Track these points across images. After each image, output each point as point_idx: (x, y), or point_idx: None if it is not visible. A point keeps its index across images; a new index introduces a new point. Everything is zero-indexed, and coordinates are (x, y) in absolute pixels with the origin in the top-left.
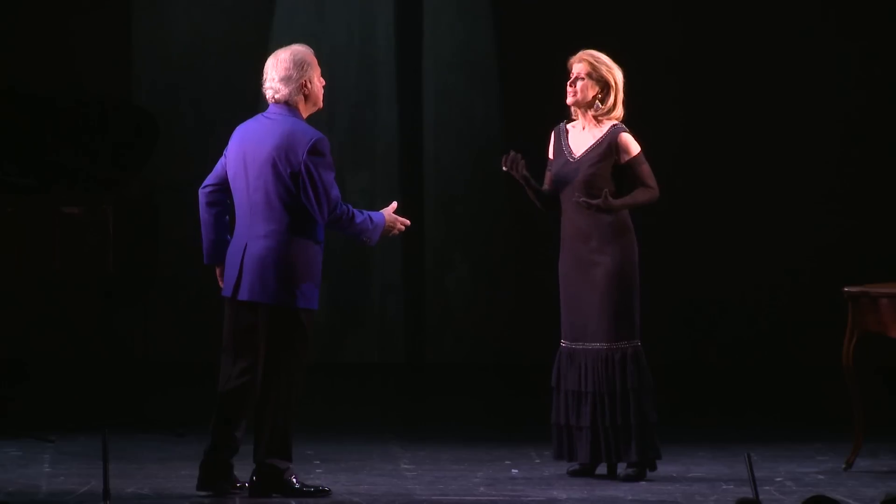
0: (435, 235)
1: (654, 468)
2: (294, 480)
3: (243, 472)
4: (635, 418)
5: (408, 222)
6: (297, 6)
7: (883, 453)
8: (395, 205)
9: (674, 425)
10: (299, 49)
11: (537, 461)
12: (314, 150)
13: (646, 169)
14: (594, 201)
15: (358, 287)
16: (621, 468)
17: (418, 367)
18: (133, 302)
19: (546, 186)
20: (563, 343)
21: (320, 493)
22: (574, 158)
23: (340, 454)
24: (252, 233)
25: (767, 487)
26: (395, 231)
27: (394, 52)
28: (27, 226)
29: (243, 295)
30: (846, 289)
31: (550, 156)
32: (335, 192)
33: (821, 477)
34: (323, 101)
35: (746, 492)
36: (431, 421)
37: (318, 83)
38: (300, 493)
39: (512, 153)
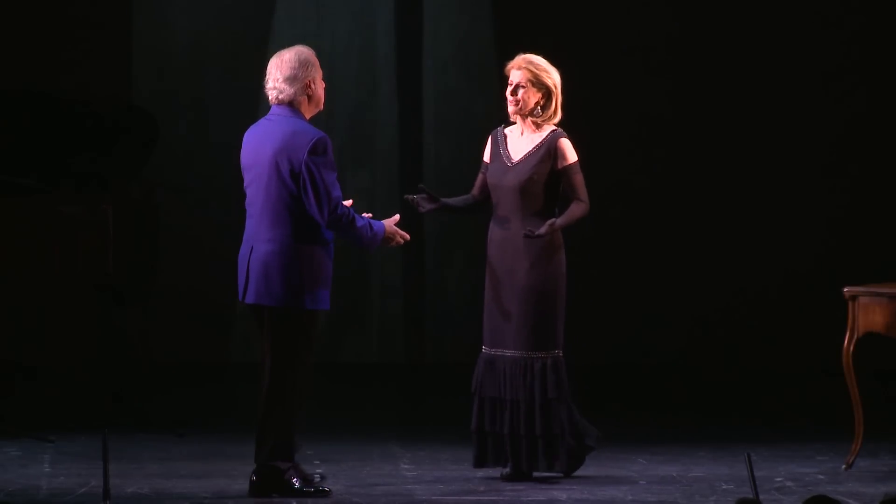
0: (434, 235)
1: (574, 469)
2: (294, 481)
3: (245, 472)
4: (554, 429)
5: (408, 236)
6: (297, 6)
7: (883, 453)
8: (397, 217)
9: (674, 425)
10: (303, 50)
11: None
12: (314, 150)
13: (579, 179)
14: (539, 231)
15: (357, 287)
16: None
17: (418, 367)
18: (133, 302)
19: (475, 192)
20: (484, 349)
21: (320, 493)
22: (512, 163)
23: (340, 454)
24: (258, 237)
25: (768, 487)
26: (394, 243)
27: (394, 52)
28: (27, 226)
29: (250, 298)
30: (846, 289)
31: (486, 159)
32: (336, 192)
33: (821, 477)
34: (323, 102)
35: (747, 492)
36: (431, 421)
37: (320, 84)
38: (300, 493)
39: (411, 197)
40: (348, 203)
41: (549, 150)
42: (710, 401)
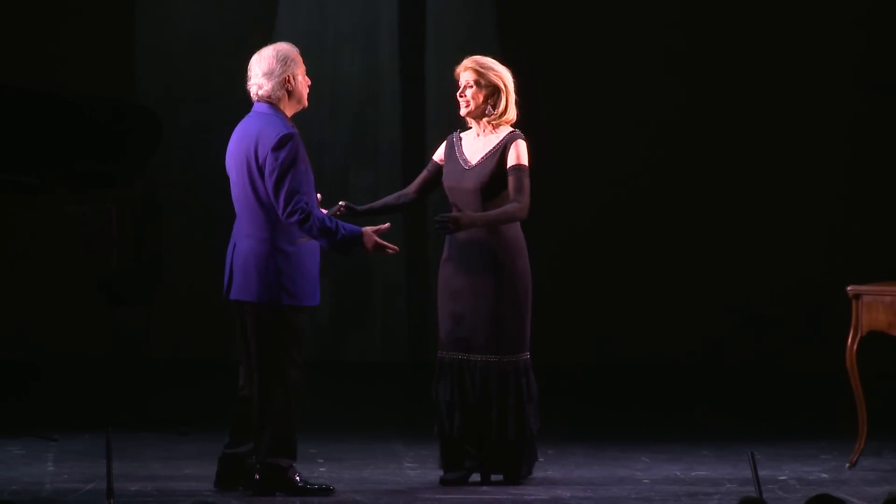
0: (438, 234)
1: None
2: (297, 479)
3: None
4: (522, 432)
5: (395, 248)
6: (300, 5)
7: (886, 452)
8: (385, 226)
9: (677, 425)
10: (283, 45)
11: (541, 460)
12: (276, 145)
13: (525, 182)
14: (445, 218)
15: (361, 286)
16: (494, 476)
17: (421, 365)
18: (137, 300)
19: (412, 189)
20: (442, 353)
21: (324, 491)
22: (469, 166)
23: (343, 453)
24: (240, 233)
25: (771, 486)
26: (378, 253)
27: (397, 50)
28: (31, 225)
29: (231, 294)
30: (850, 288)
31: (436, 159)
32: (295, 185)
33: (825, 476)
34: (309, 99)
35: (750, 491)
36: (434, 419)
37: (302, 81)
38: (304, 491)
39: (333, 209)
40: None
41: (504, 149)
42: (713, 400)
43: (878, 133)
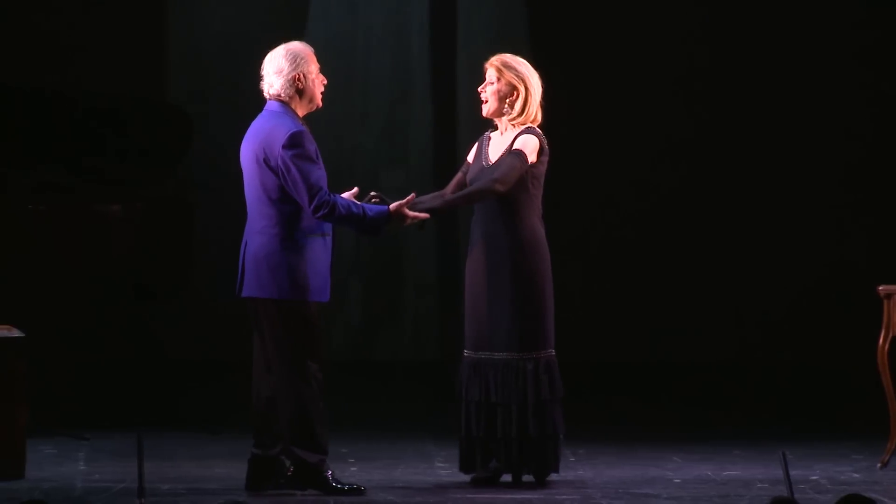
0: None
1: (553, 472)
2: (329, 476)
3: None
4: (544, 430)
5: (422, 216)
6: (331, 4)
7: None
8: (412, 196)
9: (708, 424)
10: (294, 44)
11: (572, 459)
12: (288, 144)
13: (515, 165)
14: (423, 203)
15: (392, 285)
16: (526, 477)
17: (452, 364)
18: (167, 300)
19: (448, 191)
20: (467, 352)
21: (355, 491)
22: (489, 164)
23: (374, 452)
24: (251, 230)
25: (802, 486)
26: (408, 222)
27: (428, 49)
28: (61, 224)
29: (244, 292)
30: (881, 288)
31: (468, 159)
32: (314, 181)
33: (856, 475)
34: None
35: (781, 491)
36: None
37: (314, 80)
38: (335, 490)
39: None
40: (351, 192)
41: (513, 144)
42: (744, 399)
43: None
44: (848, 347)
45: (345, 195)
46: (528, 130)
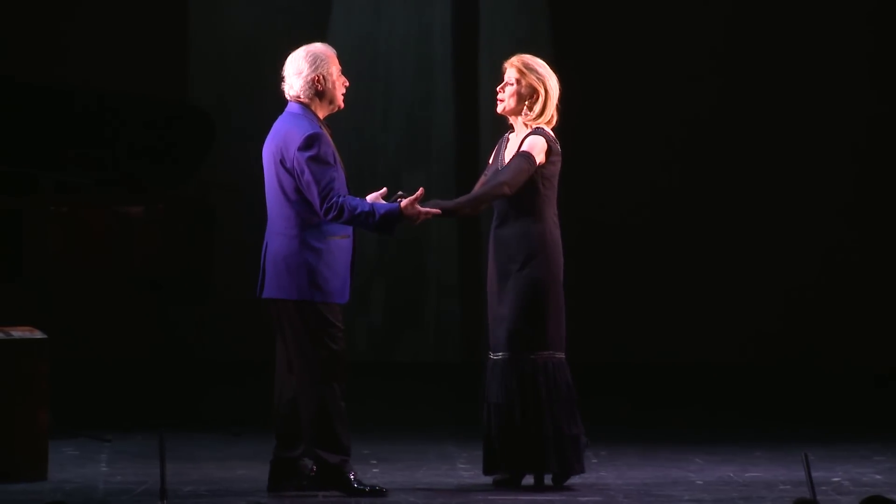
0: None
1: (575, 474)
2: (352, 477)
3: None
4: (549, 430)
5: (435, 211)
6: (354, 6)
7: None
8: (420, 191)
9: (730, 426)
10: (315, 45)
11: (594, 461)
12: (303, 146)
13: (522, 167)
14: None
15: (414, 287)
16: (547, 479)
17: (475, 366)
18: (190, 301)
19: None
20: (490, 354)
21: (377, 492)
22: (503, 165)
23: (397, 454)
24: (271, 231)
25: (825, 488)
26: (420, 219)
27: (450, 51)
28: (83, 225)
29: (264, 293)
30: None
31: (490, 161)
32: (326, 183)
33: (878, 477)
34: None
35: (804, 492)
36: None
37: (335, 81)
38: (358, 492)
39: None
40: (379, 193)
41: (521, 145)
42: (766, 401)
43: None
44: (870, 347)
45: (372, 195)
46: (536, 131)
